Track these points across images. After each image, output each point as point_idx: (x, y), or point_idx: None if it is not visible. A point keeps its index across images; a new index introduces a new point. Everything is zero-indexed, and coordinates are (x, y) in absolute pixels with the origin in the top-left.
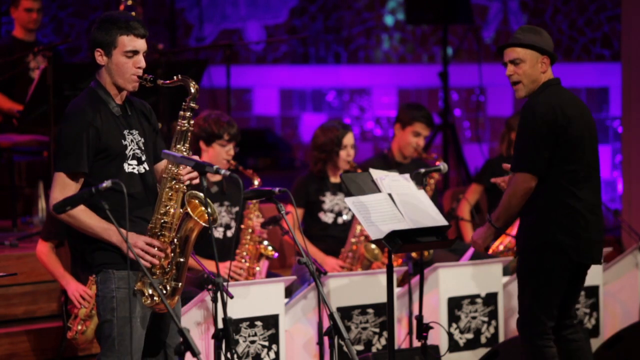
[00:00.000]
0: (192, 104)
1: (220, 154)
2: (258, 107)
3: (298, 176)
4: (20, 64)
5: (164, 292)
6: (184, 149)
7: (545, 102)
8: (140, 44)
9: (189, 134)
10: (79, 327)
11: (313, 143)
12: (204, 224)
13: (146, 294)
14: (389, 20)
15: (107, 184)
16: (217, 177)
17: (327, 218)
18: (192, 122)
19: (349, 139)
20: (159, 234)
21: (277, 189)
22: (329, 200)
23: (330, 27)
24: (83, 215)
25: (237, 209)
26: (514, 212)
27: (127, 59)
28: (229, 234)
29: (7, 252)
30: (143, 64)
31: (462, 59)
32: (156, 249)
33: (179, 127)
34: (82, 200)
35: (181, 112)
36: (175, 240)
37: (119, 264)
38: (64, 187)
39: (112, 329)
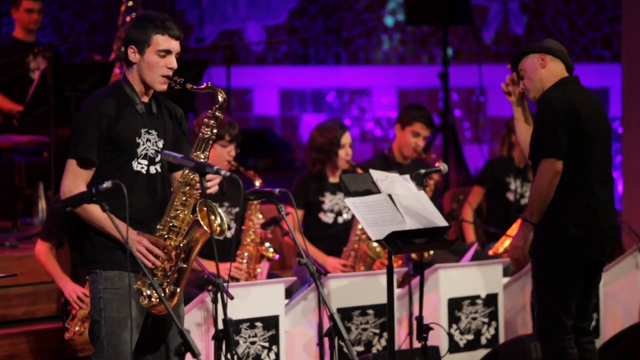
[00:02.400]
0: (217, 113)
1: (221, 155)
2: (258, 108)
3: (298, 176)
4: (20, 64)
5: (162, 294)
6: (203, 157)
7: (562, 91)
8: (174, 45)
9: (211, 142)
10: (77, 328)
11: (311, 144)
12: (209, 233)
13: (144, 294)
14: (389, 21)
15: (107, 184)
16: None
17: (327, 218)
18: (215, 130)
19: (346, 138)
20: (166, 236)
21: (277, 190)
22: (329, 200)
23: (331, 27)
24: (92, 207)
25: (237, 209)
26: (547, 201)
27: (160, 59)
28: (229, 234)
29: (7, 253)
30: (175, 65)
31: (462, 59)
32: (161, 249)
33: (201, 134)
34: (83, 200)
35: (205, 120)
36: (181, 245)
37: (107, 263)
38: (75, 175)
39: (100, 330)
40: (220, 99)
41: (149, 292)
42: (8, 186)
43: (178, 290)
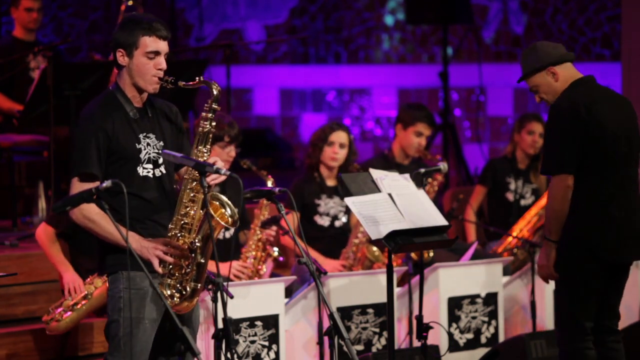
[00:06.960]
0: (214, 105)
1: (220, 156)
2: (258, 107)
3: (295, 178)
4: (20, 63)
5: (184, 292)
6: (205, 150)
7: (569, 98)
8: (162, 46)
9: (211, 135)
10: (56, 315)
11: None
12: (225, 225)
13: (166, 295)
14: (389, 20)
15: (107, 184)
16: None
17: (323, 221)
18: (213, 123)
19: (337, 136)
20: (178, 235)
21: (277, 189)
22: (324, 204)
23: (330, 27)
24: (103, 221)
25: (236, 209)
26: (562, 217)
27: (148, 60)
28: (228, 234)
29: (7, 252)
30: (164, 65)
31: (462, 58)
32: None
33: (200, 129)
34: (82, 200)
35: (203, 114)
36: (197, 241)
37: (131, 264)
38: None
39: (118, 329)
40: (215, 91)
41: (169, 292)
42: (8, 186)
43: (199, 286)
